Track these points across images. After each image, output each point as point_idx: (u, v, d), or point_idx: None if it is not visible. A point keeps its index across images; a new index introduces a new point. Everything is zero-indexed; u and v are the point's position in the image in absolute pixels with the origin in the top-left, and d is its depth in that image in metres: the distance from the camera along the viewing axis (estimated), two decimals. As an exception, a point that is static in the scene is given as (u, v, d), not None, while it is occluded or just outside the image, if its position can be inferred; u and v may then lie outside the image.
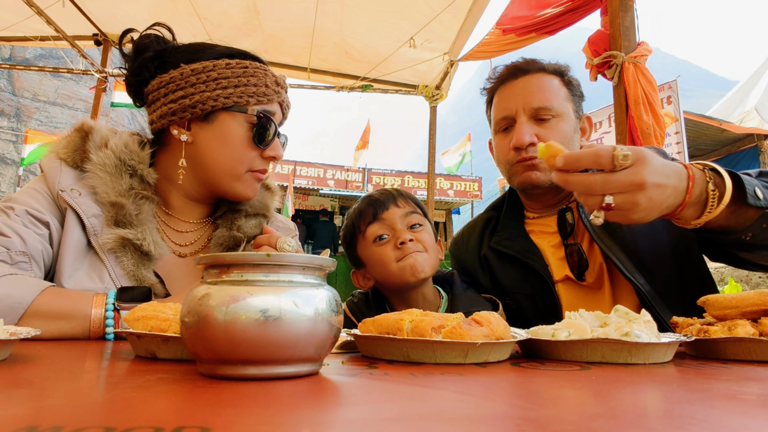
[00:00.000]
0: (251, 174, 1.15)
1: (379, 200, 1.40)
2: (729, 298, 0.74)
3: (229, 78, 1.10)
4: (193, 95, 1.08)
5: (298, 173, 16.72)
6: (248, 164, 1.14)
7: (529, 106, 1.28)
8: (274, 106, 1.16)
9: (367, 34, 4.66)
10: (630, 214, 0.85)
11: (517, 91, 1.32)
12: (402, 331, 0.62)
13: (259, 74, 1.13)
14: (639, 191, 0.83)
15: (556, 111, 1.28)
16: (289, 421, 0.33)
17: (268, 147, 1.15)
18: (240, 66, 1.11)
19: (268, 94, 1.13)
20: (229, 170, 1.13)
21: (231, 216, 1.23)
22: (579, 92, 1.38)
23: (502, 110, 1.34)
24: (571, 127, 1.31)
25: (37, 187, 1.06)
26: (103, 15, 4.78)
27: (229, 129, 1.10)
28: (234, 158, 1.12)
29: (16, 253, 0.94)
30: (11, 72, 14.63)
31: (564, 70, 1.36)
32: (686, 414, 0.38)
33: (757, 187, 0.92)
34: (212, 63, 1.10)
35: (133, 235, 1.04)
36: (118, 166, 1.09)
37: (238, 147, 1.11)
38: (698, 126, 8.46)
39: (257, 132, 1.11)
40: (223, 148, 1.11)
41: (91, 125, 1.14)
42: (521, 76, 1.34)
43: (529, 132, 1.26)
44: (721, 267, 5.72)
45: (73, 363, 0.60)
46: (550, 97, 1.29)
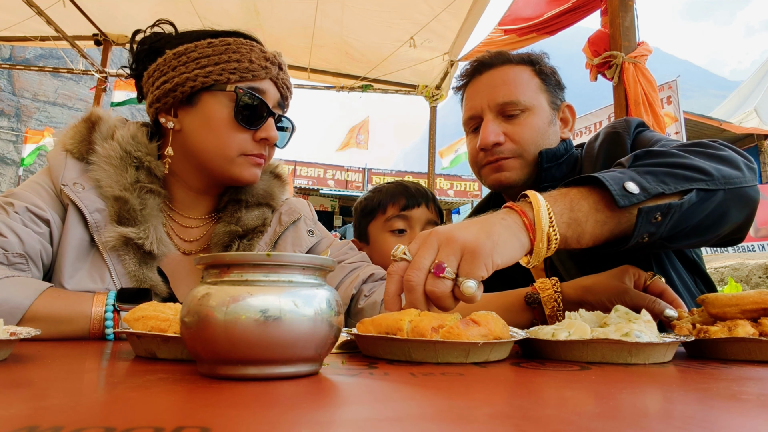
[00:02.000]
0: (245, 158, 1.08)
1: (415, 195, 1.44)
2: (729, 296, 0.74)
3: (209, 56, 1.04)
4: (173, 78, 1.04)
5: (298, 173, 16.72)
6: (238, 147, 1.06)
7: (494, 102, 1.21)
8: (263, 84, 1.07)
9: (367, 34, 4.66)
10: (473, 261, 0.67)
11: (482, 88, 1.25)
12: (402, 331, 0.62)
13: (243, 50, 1.05)
14: (445, 243, 0.68)
15: (524, 104, 1.21)
16: (289, 421, 0.33)
17: (259, 128, 1.07)
18: (223, 44, 1.05)
19: (252, 69, 1.05)
20: (219, 154, 1.06)
21: (232, 208, 1.18)
22: (554, 81, 1.29)
23: (469, 109, 1.28)
24: (544, 120, 1.24)
25: (41, 180, 1.04)
26: (103, 15, 4.78)
27: (212, 110, 1.04)
28: (221, 141, 1.05)
29: (13, 255, 0.92)
30: (11, 72, 14.63)
31: (535, 58, 1.28)
32: (686, 414, 0.38)
33: (629, 181, 0.79)
34: (194, 44, 1.05)
35: (135, 234, 1.01)
36: (124, 158, 1.06)
37: (223, 129, 1.04)
38: (698, 126, 8.46)
39: (238, 110, 1.03)
40: (209, 132, 1.05)
41: (99, 115, 1.12)
42: (485, 72, 1.27)
43: (495, 131, 1.20)
44: (722, 267, 5.72)
45: (73, 363, 0.60)
46: (516, 91, 1.21)
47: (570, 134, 1.34)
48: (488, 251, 0.67)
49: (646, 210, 0.77)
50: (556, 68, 1.31)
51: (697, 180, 0.82)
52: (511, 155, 1.22)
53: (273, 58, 1.10)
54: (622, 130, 1.13)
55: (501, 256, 0.68)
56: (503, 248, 0.69)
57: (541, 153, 1.22)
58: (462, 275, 0.66)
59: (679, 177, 0.81)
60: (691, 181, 0.81)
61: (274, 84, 1.10)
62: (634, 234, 0.79)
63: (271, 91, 1.09)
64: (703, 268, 1.21)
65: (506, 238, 0.70)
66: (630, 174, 0.80)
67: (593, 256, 1.14)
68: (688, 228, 0.84)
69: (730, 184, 0.84)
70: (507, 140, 1.21)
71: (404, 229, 1.39)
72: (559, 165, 1.23)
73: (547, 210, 0.75)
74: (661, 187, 0.79)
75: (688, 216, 0.81)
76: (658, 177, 0.81)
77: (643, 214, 0.77)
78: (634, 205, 0.77)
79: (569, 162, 1.26)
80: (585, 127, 8.49)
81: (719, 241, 0.95)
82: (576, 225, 0.77)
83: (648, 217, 0.78)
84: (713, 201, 0.83)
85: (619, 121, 1.18)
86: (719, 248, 7.66)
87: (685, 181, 0.81)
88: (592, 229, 0.79)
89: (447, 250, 0.67)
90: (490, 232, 0.69)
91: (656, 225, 0.79)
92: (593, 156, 1.17)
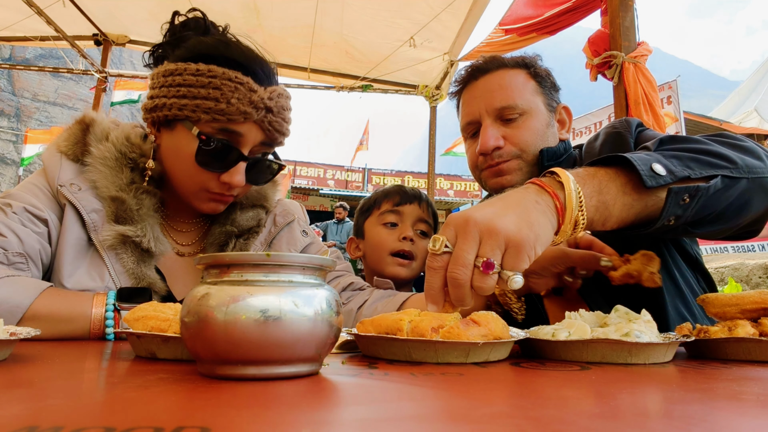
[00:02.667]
0: (208, 194, 1.06)
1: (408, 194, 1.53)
2: (729, 296, 0.74)
3: (191, 87, 0.99)
4: (155, 98, 1.04)
5: (298, 173, 16.71)
6: (201, 184, 1.04)
7: (492, 107, 1.22)
8: (241, 127, 1.01)
9: (367, 33, 4.66)
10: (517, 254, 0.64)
11: (478, 93, 1.26)
12: (402, 331, 0.63)
13: (226, 89, 0.98)
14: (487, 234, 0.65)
15: (522, 108, 1.21)
16: (289, 421, 0.33)
17: (224, 172, 1.02)
18: (208, 76, 0.99)
19: (229, 112, 0.98)
20: (183, 183, 1.06)
21: (226, 210, 1.18)
22: (550, 83, 1.29)
23: (467, 115, 1.28)
24: (543, 123, 1.25)
25: (37, 182, 1.04)
26: (103, 15, 4.78)
27: (182, 142, 1.02)
28: (185, 174, 1.04)
29: (12, 254, 0.92)
30: (11, 72, 14.63)
31: (529, 61, 1.28)
32: (686, 414, 0.38)
33: (656, 163, 0.78)
34: (184, 66, 1.01)
35: (132, 232, 1.02)
36: (119, 159, 1.06)
37: (188, 163, 1.02)
38: (698, 126, 8.47)
39: (200, 152, 1.00)
40: (176, 160, 1.04)
41: (93, 117, 1.12)
42: (481, 77, 1.27)
43: (494, 135, 1.20)
44: (722, 267, 5.72)
45: (73, 363, 0.60)
46: (513, 95, 1.22)
47: (568, 135, 1.34)
48: (532, 243, 0.65)
49: (676, 190, 0.77)
50: (551, 70, 1.32)
51: (722, 167, 0.82)
52: (511, 158, 1.22)
53: (260, 101, 1.01)
54: (624, 130, 1.13)
55: (542, 246, 0.67)
56: (544, 238, 0.67)
57: (542, 152, 1.23)
58: (506, 268, 0.64)
59: (704, 163, 0.81)
60: (716, 168, 0.81)
61: (258, 127, 1.03)
62: (662, 215, 0.78)
63: (251, 134, 1.03)
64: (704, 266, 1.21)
65: (544, 225, 0.68)
66: (656, 156, 0.80)
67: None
68: (713, 214, 0.84)
69: (754, 173, 0.85)
70: (506, 144, 1.22)
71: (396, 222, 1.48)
72: (559, 164, 1.23)
73: (578, 193, 0.72)
74: (687, 171, 0.79)
75: (714, 201, 0.81)
76: (684, 161, 0.80)
77: (673, 194, 0.76)
78: (662, 186, 0.76)
79: (568, 162, 1.27)
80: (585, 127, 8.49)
81: (738, 231, 0.95)
82: (604, 208, 0.76)
83: (677, 198, 0.77)
84: (737, 189, 0.83)
85: (619, 121, 1.18)
86: (719, 248, 7.66)
87: (710, 167, 0.81)
88: (619, 212, 0.78)
89: (490, 242, 0.64)
90: (530, 222, 0.67)
91: (684, 207, 0.79)
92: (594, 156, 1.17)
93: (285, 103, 1.08)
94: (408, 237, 1.43)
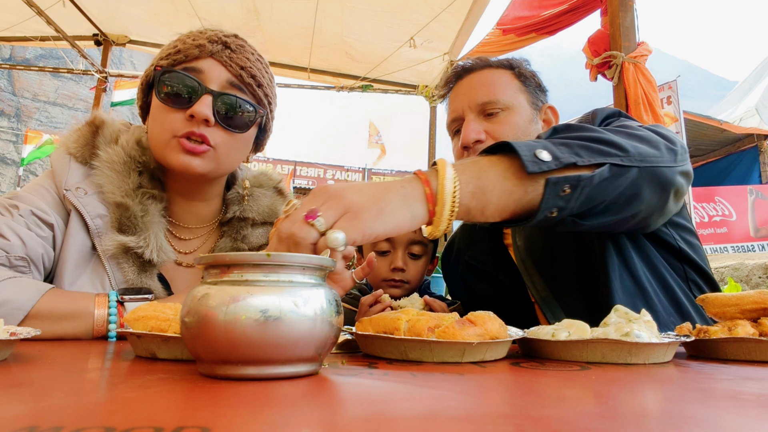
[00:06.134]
0: (177, 140, 1.00)
1: None
2: (728, 296, 0.74)
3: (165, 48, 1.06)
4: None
5: (298, 173, 16.71)
6: (169, 128, 1.01)
7: (474, 102, 1.24)
8: (200, 63, 1.01)
9: (367, 34, 4.66)
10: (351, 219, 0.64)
11: (463, 91, 1.28)
12: (399, 331, 0.63)
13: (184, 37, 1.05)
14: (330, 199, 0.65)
15: (504, 104, 1.22)
16: (289, 421, 0.33)
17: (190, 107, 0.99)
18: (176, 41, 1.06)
19: (184, 50, 1.01)
20: (156, 141, 1.04)
21: (237, 225, 1.18)
22: (535, 83, 1.31)
23: (451, 112, 1.30)
24: (525, 120, 1.25)
25: (45, 184, 1.04)
26: (103, 15, 4.78)
27: (152, 100, 1.05)
28: (157, 125, 1.03)
29: (15, 258, 0.92)
30: (11, 72, 14.63)
31: (515, 63, 1.31)
32: (686, 414, 0.38)
33: (541, 149, 0.75)
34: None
35: (134, 242, 1.01)
36: (127, 163, 1.05)
37: (156, 113, 1.03)
38: (698, 126, 8.46)
39: (159, 90, 1.00)
40: (150, 121, 1.06)
41: (103, 119, 1.12)
42: (466, 76, 1.30)
43: (476, 129, 1.21)
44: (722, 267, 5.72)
45: (74, 363, 0.60)
46: (496, 91, 1.24)
47: None
48: (371, 216, 0.64)
49: (554, 180, 0.74)
50: (538, 73, 1.34)
51: (612, 155, 0.80)
52: None
53: (213, 36, 1.04)
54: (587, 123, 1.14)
55: (384, 225, 0.66)
56: (389, 216, 0.66)
57: None
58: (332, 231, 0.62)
59: (594, 150, 0.79)
60: (605, 155, 0.79)
61: (220, 63, 1.02)
62: (541, 206, 0.75)
63: (213, 70, 1.02)
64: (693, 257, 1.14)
65: (396, 207, 0.68)
66: (544, 143, 0.78)
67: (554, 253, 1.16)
68: (601, 205, 0.81)
69: (646, 162, 0.83)
70: (488, 138, 1.22)
71: (388, 250, 1.48)
72: None
73: (454, 179, 0.71)
74: (574, 158, 0.77)
75: (601, 191, 0.79)
76: (573, 149, 0.79)
77: (551, 184, 0.74)
78: (544, 173, 0.74)
79: None
80: (585, 127, 8.45)
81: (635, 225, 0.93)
82: (481, 194, 0.74)
83: (556, 189, 0.75)
84: (627, 178, 0.81)
85: (586, 114, 1.18)
86: (719, 248, 7.66)
87: (600, 155, 0.79)
88: (498, 198, 0.75)
89: (330, 204, 0.64)
90: (380, 199, 0.67)
91: (565, 198, 0.76)
92: None
93: (246, 46, 1.09)
94: (398, 268, 1.44)
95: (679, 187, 0.91)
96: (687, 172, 0.93)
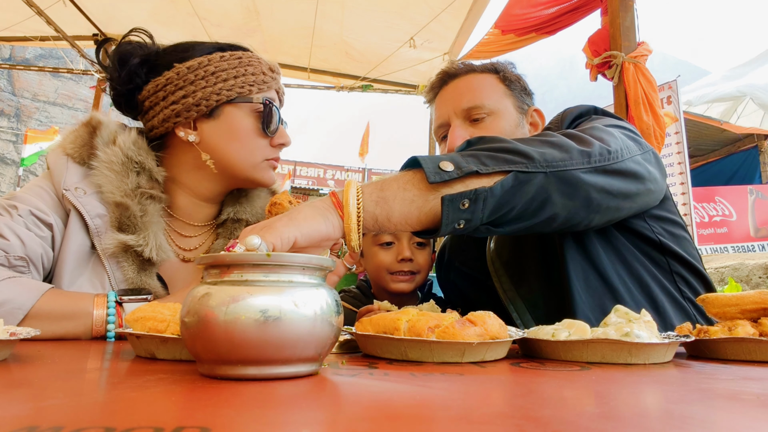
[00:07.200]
0: (267, 162, 1.15)
1: None
2: (729, 296, 0.74)
3: (227, 70, 1.08)
4: (195, 92, 1.06)
5: (298, 173, 16.71)
6: (262, 153, 1.13)
7: (459, 107, 1.24)
8: (272, 93, 1.16)
9: (367, 34, 4.66)
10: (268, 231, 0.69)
11: (448, 96, 1.29)
12: (399, 331, 0.63)
13: (254, 63, 1.13)
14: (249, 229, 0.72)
15: (489, 108, 1.23)
16: (289, 421, 0.33)
17: (276, 134, 1.14)
18: (234, 57, 1.11)
19: (266, 81, 1.13)
20: (246, 161, 1.12)
21: (231, 226, 1.21)
22: (520, 86, 1.31)
23: (438, 118, 1.31)
24: (511, 124, 1.25)
25: (43, 184, 1.04)
26: (103, 15, 4.78)
27: (237, 121, 1.10)
28: (248, 149, 1.11)
29: (14, 258, 0.92)
30: (11, 72, 14.63)
31: (499, 67, 1.31)
32: (686, 414, 0.38)
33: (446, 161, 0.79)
34: (206, 58, 1.08)
35: (134, 241, 1.01)
36: (125, 164, 1.06)
37: (249, 138, 1.11)
38: (698, 126, 8.45)
39: (265, 120, 1.11)
40: (234, 142, 1.10)
41: (100, 120, 1.12)
42: (451, 81, 1.31)
43: (462, 135, 1.21)
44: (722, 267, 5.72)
45: (73, 363, 0.60)
46: (481, 95, 1.24)
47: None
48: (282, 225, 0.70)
49: (450, 198, 0.78)
50: (523, 76, 1.34)
51: (517, 163, 0.82)
52: None
53: (276, 68, 1.18)
54: (554, 126, 1.15)
55: (298, 230, 0.71)
56: (301, 223, 0.72)
57: None
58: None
59: (499, 160, 0.82)
60: (510, 164, 0.82)
61: (276, 92, 1.17)
62: (443, 221, 0.79)
63: (276, 98, 1.17)
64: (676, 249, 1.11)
65: (308, 215, 0.74)
66: (452, 156, 0.82)
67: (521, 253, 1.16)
68: (512, 212, 0.84)
69: (553, 167, 0.84)
70: None
71: (392, 241, 1.45)
72: None
73: (357, 190, 0.78)
74: (477, 166, 0.80)
75: (508, 200, 0.81)
76: (479, 159, 0.81)
77: (446, 202, 0.78)
78: (446, 183, 0.78)
79: None
80: (585, 127, 8.44)
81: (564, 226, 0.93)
82: (384, 203, 0.79)
83: (454, 204, 0.78)
84: (533, 184, 0.83)
85: (558, 114, 1.18)
86: (719, 248, 7.66)
87: (505, 163, 0.81)
88: (400, 206, 0.80)
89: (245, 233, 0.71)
90: (291, 214, 0.74)
91: (469, 211, 0.79)
92: None
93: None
94: (406, 258, 1.42)
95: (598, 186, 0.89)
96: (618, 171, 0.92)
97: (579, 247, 1.07)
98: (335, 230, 0.76)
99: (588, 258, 1.07)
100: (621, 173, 0.93)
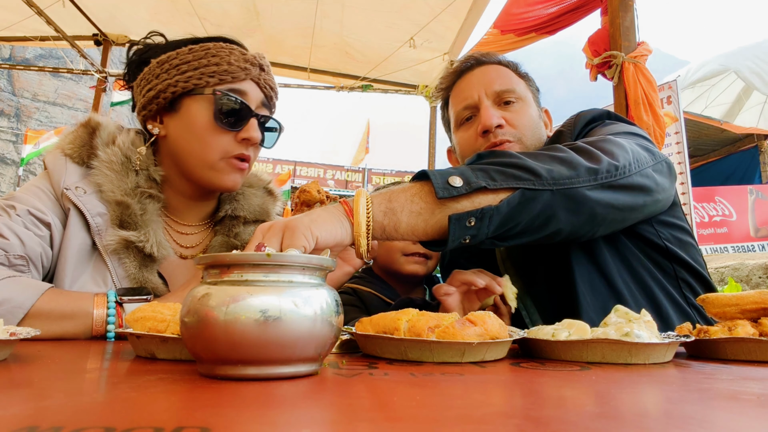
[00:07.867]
0: (227, 161, 1.07)
1: None
2: (729, 296, 0.74)
3: (189, 62, 1.05)
4: (156, 85, 1.06)
5: (298, 173, 16.71)
6: (220, 150, 1.06)
7: (492, 90, 1.24)
8: (243, 85, 1.07)
9: (367, 34, 4.66)
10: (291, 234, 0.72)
11: (476, 80, 1.28)
12: (399, 331, 0.63)
13: (222, 53, 1.06)
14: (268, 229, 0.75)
15: (519, 94, 1.24)
16: (289, 421, 0.33)
17: (240, 129, 1.06)
18: (203, 49, 1.06)
19: (231, 71, 1.05)
20: (201, 159, 1.06)
21: (229, 223, 1.21)
22: (535, 86, 1.34)
23: (463, 99, 1.28)
24: (536, 114, 1.27)
25: (41, 185, 1.04)
26: (103, 15, 4.78)
27: (193, 114, 1.05)
28: (203, 145, 1.05)
29: (14, 257, 0.93)
30: (11, 72, 14.63)
31: (518, 65, 1.33)
32: (686, 414, 0.38)
33: (456, 176, 0.81)
34: (176, 52, 1.07)
35: (136, 237, 1.02)
36: (125, 163, 1.07)
37: (204, 132, 1.05)
38: (698, 126, 8.45)
39: (218, 113, 1.04)
40: (191, 136, 1.06)
41: (99, 121, 1.13)
42: (478, 67, 1.31)
43: (495, 114, 1.21)
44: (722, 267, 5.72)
45: (73, 363, 0.60)
46: (511, 82, 1.26)
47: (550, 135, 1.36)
48: (305, 225, 0.72)
49: (456, 217, 0.80)
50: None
51: (525, 180, 0.83)
52: (513, 139, 1.22)
53: (253, 59, 1.10)
54: (567, 129, 1.16)
55: (320, 230, 0.74)
56: (322, 224, 0.75)
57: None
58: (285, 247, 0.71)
59: (508, 175, 0.83)
60: (518, 180, 0.83)
61: (256, 85, 1.10)
62: (449, 237, 0.81)
63: (253, 92, 1.09)
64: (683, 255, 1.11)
65: (326, 218, 0.77)
66: (462, 170, 0.84)
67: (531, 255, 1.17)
68: (517, 228, 0.85)
69: (559, 184, 0.85)
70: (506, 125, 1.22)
71: None
72: None
73: (367, 200, 0.81)
74: (486, 182, 0.81)
75: (514, 216, 0.83)
76: (489, 174, 0.83)
77: (453, 221, 0.80)
78: (453, 198, 0.80)
79: None
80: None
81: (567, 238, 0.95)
82: (392, 214, 0.82)
83: (461, 223, 0.81)
84: (540, 201, 0.84)
85: (572, 117, 1.19)
86: (719, 248, 7.66)
87: (513, 179, 0.83)
88: (407, 218, 0.82)
89: (269, 234, 0.73)
90: (310, 215, 0.77)
91: (475, 228, 0.82)
92: None
93: (269, 63, 1.15)
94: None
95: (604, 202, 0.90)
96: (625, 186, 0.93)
97: (585, 251, 1.08)
98: (347, 236, 0.79)
99: (594, 262, 1.08)
100: (628, 188, 0.94)
